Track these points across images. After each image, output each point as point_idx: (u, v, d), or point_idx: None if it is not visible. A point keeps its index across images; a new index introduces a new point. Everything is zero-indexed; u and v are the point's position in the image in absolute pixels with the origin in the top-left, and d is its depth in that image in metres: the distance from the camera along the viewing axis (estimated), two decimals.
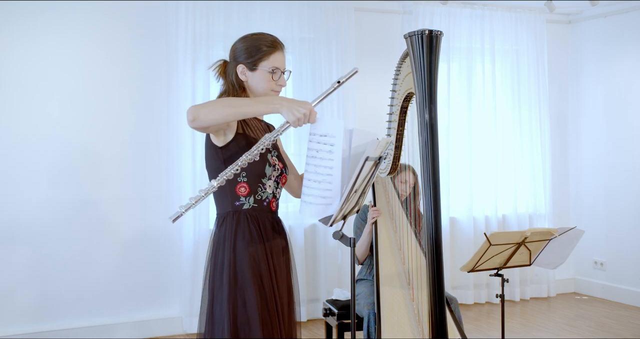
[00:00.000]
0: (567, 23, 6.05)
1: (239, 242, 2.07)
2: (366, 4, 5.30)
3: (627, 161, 5.53)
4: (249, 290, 2.04)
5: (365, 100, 5.26)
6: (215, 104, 1.96)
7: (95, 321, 4.50)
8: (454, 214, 5.53)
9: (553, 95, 5.94)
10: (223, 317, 2.03)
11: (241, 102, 1.98)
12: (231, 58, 2.20)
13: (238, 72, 2.16)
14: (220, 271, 2.07)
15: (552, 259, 3.25)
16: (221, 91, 2.22)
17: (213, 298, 2.08)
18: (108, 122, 4.55)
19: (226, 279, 2.05)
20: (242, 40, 2.19)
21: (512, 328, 4.76)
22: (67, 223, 4.43)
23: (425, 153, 2.75)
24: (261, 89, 2.16)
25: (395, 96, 3.14)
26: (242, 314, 2.03)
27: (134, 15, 4.61)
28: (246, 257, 2.06)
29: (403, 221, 3.30)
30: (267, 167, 2.15)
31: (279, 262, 2.17)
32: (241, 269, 2.06)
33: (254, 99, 2.03)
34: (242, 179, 2.10)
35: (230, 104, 1.96)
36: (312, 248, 5.10)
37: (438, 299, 2.72)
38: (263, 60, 2.15)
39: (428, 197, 2.72)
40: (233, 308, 2.03)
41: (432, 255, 2.72)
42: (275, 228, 2.21)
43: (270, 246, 2.15)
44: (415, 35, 2.74)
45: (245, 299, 2.04)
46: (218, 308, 2.05)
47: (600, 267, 5.76)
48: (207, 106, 1.94)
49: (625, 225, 5.54)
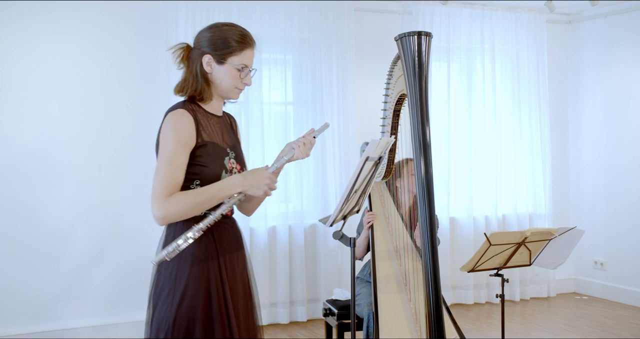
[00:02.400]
0: (567, 23, 6.06)
1: (190, 252, 1.98)
2: (366, 4, 5.31)
3: (627, 161, 5.53)
4: (199, 298, 1.97)
5: (365, 100, 5.26)
6: (186, 204, 1.93)
7: (95, 321, 4.50)
8: (454, 214, 5.53)
9: (553, 95, 5.94)
10: (168, 322, 1.97)
11: (201, 196, 1.94)
12: (197, 45, 2.07)
13: (204, 63, 2.04)
14: (169, 278, 1.99)
15: (552, 259, 3.25)
16: (182, 80, 2.08)
17: (157, 304, 2.00)
18: (108, 122, 4.55)
19: (178, 287, 1.97)
20: (212, 29, 2.07)
21: (512, 328, 4.76)
22: (67, 223, 4.43)
23: (418, 155, 2.76)
24: (225, 85, 2.06)
25: (388, 100, 3.15)
26: (188, 322, 1.97)
27: (133, 15, 4.61)
28: (197, 266, 1.99)
29: (399, 224, 3.30)
30: (224, 174, 2.05)
31: (232, 267, 2.09)
32: (192, 276, 1.98)
33: (211, 188, 1.96)
34: (195, 186, 2.01)
35: (190, 201, 1.93)
36: (312, 248, 5.11)
37: (435, 299, 2.73)
38: (233, 55, 2.05)
39: (422, 199, 2.72)
40: (177, 314, 1.95)
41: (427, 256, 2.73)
42: (229, 233, 2.12)
43: (224, 252, 2.07)
44: (405, 37, 2.75)
45: (195, 306, 1.97)
46: (164, 312, 1.97)
47: (600, 267, 5.76)
48: (176, 206, 1.91)
49: (625, 225, 5.54)
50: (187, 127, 1.98)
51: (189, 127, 1.98)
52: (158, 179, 1.94)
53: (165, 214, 1.92)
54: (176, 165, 1.96)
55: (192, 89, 2.05)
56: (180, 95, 2.08)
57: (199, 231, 1.93)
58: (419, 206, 2.75)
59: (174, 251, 1.89)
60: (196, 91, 2.05)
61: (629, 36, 5.51)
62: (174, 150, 1.96)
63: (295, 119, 5.11)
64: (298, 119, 5.09)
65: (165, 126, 1.99)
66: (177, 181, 1.96)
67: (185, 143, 1.97)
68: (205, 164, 2.00)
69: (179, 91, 2.07)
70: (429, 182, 2.73)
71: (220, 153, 2.06)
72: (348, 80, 5.14)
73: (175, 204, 1.92)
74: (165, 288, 1.99)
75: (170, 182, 1.94)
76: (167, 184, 1.93)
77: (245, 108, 4.90)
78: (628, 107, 5.53)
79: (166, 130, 1.98)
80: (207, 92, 2.07)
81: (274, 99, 5.03)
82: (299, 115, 5.10)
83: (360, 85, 5.26)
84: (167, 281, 1.99)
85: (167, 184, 1.93)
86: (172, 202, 1.92)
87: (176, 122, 1.98)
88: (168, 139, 1.97)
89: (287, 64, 5.05)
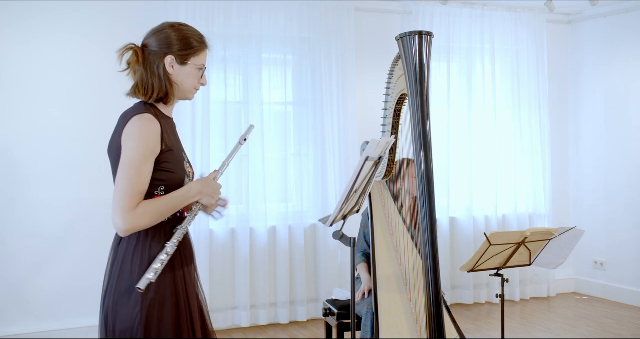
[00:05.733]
0: (567, 23, 6.06)
1: (151, 261, 1.90)
2: (366, 4, 5.31)
3: (627, 161, 5.53)
4: (167, 306, 1.92)
5: (365, 100, 5.26)
6: (153, 215, 1.87)
7: (95, 321, 4.49)
8: (454, 214, 5.53)
9: (553, 95, 5.94)
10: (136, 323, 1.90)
11: (167, 206, 1.90)
12: (155, 46, 1.99)
13: (166, 64, 1.97)
14: (129, 288, 1.89)
15: (552, 259, 3.25)
16: (143, 83, 1.98)
17: (117, 308, 1.90)
18: (107, 122, 4.53)
19: (138, 296, 1.89)
20: (170, 30, 2.00)
21: (512, 328, 4.76)
22: (68, 223, 4.43)
23: (419, 154, 2.76)
24: (187, 86, 2.02)
25: (389, 99, 3.15)
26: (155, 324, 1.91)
27: (133, 15, 4.61)
28: (168, 274, 1.93)
29: (399, 224, 3.30)
30: (186, 179, 2.02)
31: (191, 278, 2.06)
32: (161, 286, 1.92)
33: (176, 198, 1.92)
34: (160, 192, 1.94)
35: (156, 211, 1.88)
36: (312, 248, 5.11)
37: (435, 299, 2.73)
38: (194, 56, 2.00)
39: (423, 199, 2.72)
40: (147, 318, 1.89)
41: (428, 256, 2.72)
42: (188, 244, 2.09)
43: (188, 263, 2.04)
44: (406, 37, 2.76)
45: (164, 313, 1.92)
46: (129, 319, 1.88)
47: (600, 267, 5.76)
48: (144, 218, 1.85)
49: (625, 225, 5.54)
50: (155, 135, 1.90)
51: (157, 135, 1.90)
52: (123, 189, 1.84)
53: (133, 227, 1.84)
54: (144, 174, 1.87)
55: (158, 92, 1.98)
56: (145, 99, 1.99)
57: (173, 247, 1.90)
58: (419, 203, 2.75)
59: (158, 271, 1.85)
60: (162, 94, 1.98)
61: (629, 36, 5.51)
62: (141, 158, 1.86)
63: (295, 119, 5.11)
64: (298, 119, 5.10)
65: (132, 132, 1.88)
66: (143, 190, 1.87)
67: (153, 151, 1.89)
68: (171, 169, 1.95)
69: (144, 94, 1.98)
70: (429, 177, 2.73)
71: (180, 158, 2.02)
72: (348, 80, 5.14)
73: (142, 217, 1.84)
74: (131, 298, 1.88)
75: (137, 193, 1.85)
76: (133, 195, 1.84)
77: (245, 108, 4.90)
78: (628, 107, 5.53)
79: (133, 136, 1.87)
80: (172, 93, 2.01)
81: (274, 99, 5.03)
82: (299, 115, 5.10)
83: (360, 85, 5.26)
84: (132, 291, 1.88)
85: (134, 194, 1.84)
86: (140, 214, 1.84)
87: (144, 129, 1.88)
88: (135, 146, 1.86)
89: (287, 64, 5.05)
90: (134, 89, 2.01)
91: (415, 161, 2.77)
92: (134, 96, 2.02)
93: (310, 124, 5.07)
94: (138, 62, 2.00)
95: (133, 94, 2.02)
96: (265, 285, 4.88)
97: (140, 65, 2.00)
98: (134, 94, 2.01)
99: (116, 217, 1.84)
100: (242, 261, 4.82)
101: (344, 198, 2.42)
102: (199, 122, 4.72)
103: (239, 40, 4.87)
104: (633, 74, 5.49)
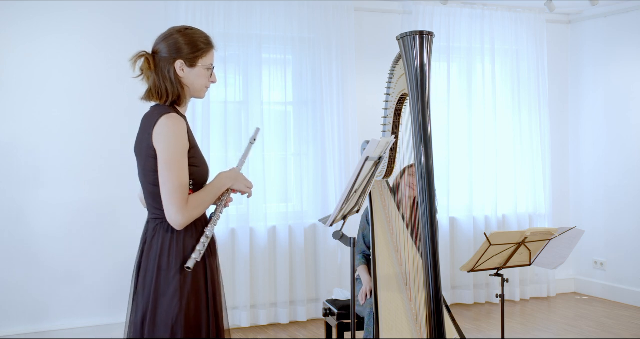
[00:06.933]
0: (567, 23, 6.06)
1: (187, 251, 2.04)
2: (366, 4, 5.31)
3: (627, 161, 5.53)
4: (201, 294, 2.05)
5: (365, 100, 5.26)
6: (202, 206, 2.05)
7: (94, 321, 4.50)
8: (454, 214, 5.53)
9: (553, 95, 5.94)
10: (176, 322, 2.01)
11: (209, 196, 2.08)
12: (164, 52, 2.10)
13: (177, 68, 2.09)
14: (174, 277, 2.02)
15: (552, 259, 3.25)
16: (157, 88, 2.09)
17: (158, 299, 2.02)
18: (106, 123, 4.55)
19: (185, 286, 2.02)
20: (178, 35, 2.11)
21: (512, 328, 4.76)
22: (66, 223, 4.43)
23: (419, 151, 2.76)
24: (198, 86, 2.14)
25: (390, 99, 3.15)
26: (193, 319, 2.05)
27: (133, 15, 4.61)
28: (198, 266, 2.06)
29: (400, 224, 3.30)
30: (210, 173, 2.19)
31: (218, 269, 2.20)
32: (195, 276, 2.05)
33: (214, 187, 2.11)
34: (190, 187, 2.06)
35: (204, 202, 2.06)
36: (312, 248, 5.11)
37: (435, 299, 2.73)
38: (202, 57, 2.12)
39: (424, 199, 2.72)
40: (187, 306, 2.02)
41: (428, 256, 2.72)
42: (214, 236, 2.21)
43: (214, 253, 2.17)
44: (407, 37, 2.76)
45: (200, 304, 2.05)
46: (174, 311, 2.00)
47: (600, 267, 5.76)
48: (196, 210, 2.02)
49: (625, 225, 5.54)
50: (185, 132, 2.04)
51: (185, 132, 2.05)
52: (173, 187, 1.97)
53: (189, 219, 2.00)
54: (185, 170, 2.01)
55: (172, 95, 2.09)
56: (160, 103, 2.10)
57: (211, 231, 2.06)
58: (420, 205, 2.74)
59: (201, 252, 2.02)
60: (174, 96, 2.10)
61: (628, 36, 5.51)
62: (179, 155, 2.01)
63: (295, 119, 5.11)
64: (298, 119, 5.10)
65: (165, 131, 2.01)
66: (188, 184, 2.02)
67: (185, 147, 2.03)
68: (197, 164, 2.08)
69: (159, 98, 2.10)
70: (429, 174, 2.72)
71: (201, 153, 2.15)
72: (348, 80, 5.14)
73: (195, 208, 2.01)
74: (170, 287, 2.01)
75: (185, 188, 2.00)
76: (183, 190, 1.99)
77: (245, 108, 4.90)
78: (628, 107, 5.53)
79: (167, 135, 2.00)
80: (183, 95, 2.13)
81: (274, 99, 5.04)
82: (299, 115, 5.10)
83: (360, 85, 5.27)
84: (172, 280, 2.01)
85: (183, 190, 1.99)
86: (193, 207, 2.00)
87: (175, 127, 2.02)
88: (172, 144, 2.00)
89: (287, 64, 5.05)
90: (148, 94, 2.14)
91: (416, 158, 2.77)
92: (148, 100, 2.15)
93: (310, 124, 5.08)
94: (150, 68, 2.12)
95: (147, 99, 2.14)
96: (265, 285, 4.88)
97: (152, 72, 2.12)
98: (149, 98, 2.14)
99: (172, 214, 1.97)
100: (242, 261, 4.82)
101: (344, 198, 2.42)
102: (199, 122, 4.72)
103: (239, 40, 4.87)
104: (633, 74, 5.49)
